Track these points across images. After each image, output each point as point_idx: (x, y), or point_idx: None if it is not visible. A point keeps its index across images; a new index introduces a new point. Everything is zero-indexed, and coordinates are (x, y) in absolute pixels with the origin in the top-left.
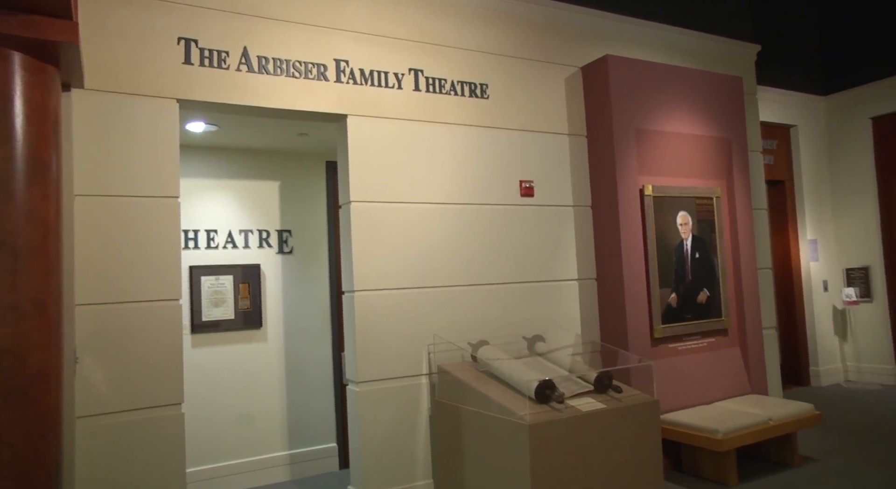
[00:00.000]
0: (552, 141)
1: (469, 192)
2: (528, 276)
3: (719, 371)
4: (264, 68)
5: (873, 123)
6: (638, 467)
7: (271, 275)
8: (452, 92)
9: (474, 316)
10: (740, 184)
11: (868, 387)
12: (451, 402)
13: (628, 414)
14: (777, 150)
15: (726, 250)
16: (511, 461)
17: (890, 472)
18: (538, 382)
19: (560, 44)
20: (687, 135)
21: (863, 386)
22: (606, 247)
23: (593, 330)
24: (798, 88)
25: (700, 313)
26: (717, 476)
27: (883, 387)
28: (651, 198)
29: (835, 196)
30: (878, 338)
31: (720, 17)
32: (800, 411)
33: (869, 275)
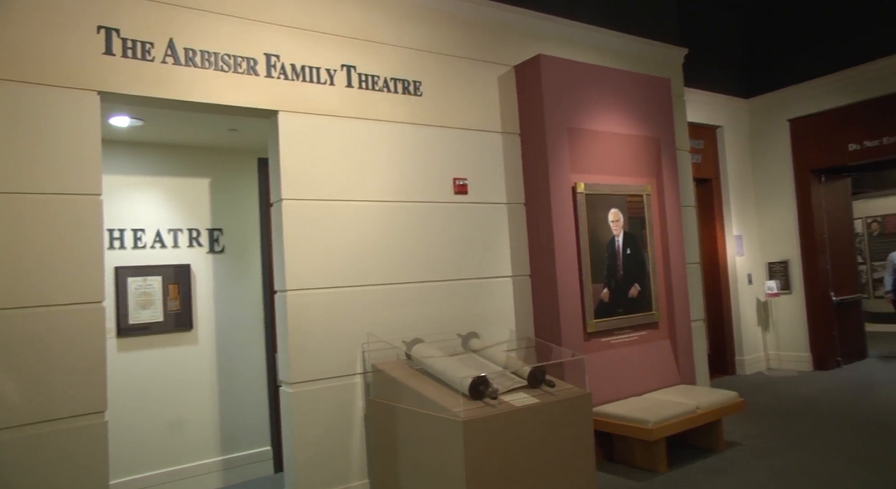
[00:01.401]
0: (486, 139)
1: (403, 189)
2: (463, 274)
3: (650, 363)
4: (191, 61)
5: (791, 125)
6: (571, 459)
7: (202, 275)
8: (385, 89)
9: (409, 314)
10: (669, 181)
11: (787, 375)
12: (385, 401)
13: (561, 407)
14: (704, 149)
15: (656, 246)
16: (446, 458)
17: (804, 453)
18: (472, 379)
19: (494, 42)
20: (617, 134)
21: (782, 373)
22: (540, 244)
23: (527, 326)
24: (723, 91)
25: (631, 307)
26: (647, 464)
27: (800, 373)
28: (583, 195)
29: (758, 193)
30: (796, 328)
31: (649, 20)
32: (725, 399)
33: (788, 268)
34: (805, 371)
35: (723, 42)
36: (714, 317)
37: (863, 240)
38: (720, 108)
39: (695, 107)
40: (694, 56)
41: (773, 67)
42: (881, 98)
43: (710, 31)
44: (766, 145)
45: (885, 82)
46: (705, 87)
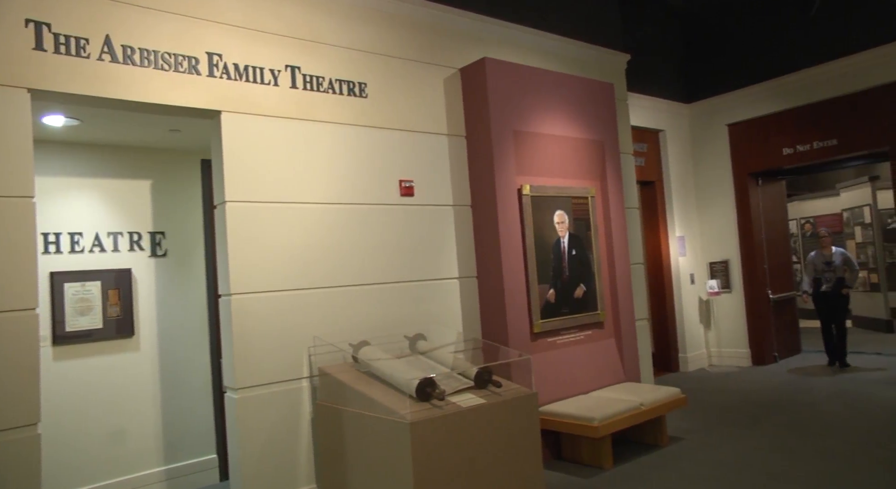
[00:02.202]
0: (432, 141)
1: (349, 191)
2: (410, 275)
3: (596, 362)
4: (130, 59)
5: (729, 129)
6: (518, 458)
7: (144, 279)
8: (330, 90)
9: (356, 316)
10: (613, 184)
11: (727, 370)
12: (332, 405)
13: (508, 407)
14: (647, 152)
15: (601, 247)
16: (393, 460)
17: (742, 445)
18: (419, 380)
19: (439, 45)
20: (562, 137)
21: (723, 369)
22: (486, 246)
23: (475, 327)
24: (665, 96)
25: (577, 307)
26: (594, 461)
27: (739, 369)
28: (529, 197)
29: (699, 195)
30: (736, 325)
31: (593, 26)
32: (668, 396)
33: (729, 268)
34: (744, 366)
35: (664, 49)
36: (658, 316)
37: (797, 240)
38: (662, 112)
39: (638, 111)
40: (637, 62)
41: (711, 74)
42: (810, 105)
43: (652, 38)
44: (707, 149)
45: (813, 91)
46: (648, 92)
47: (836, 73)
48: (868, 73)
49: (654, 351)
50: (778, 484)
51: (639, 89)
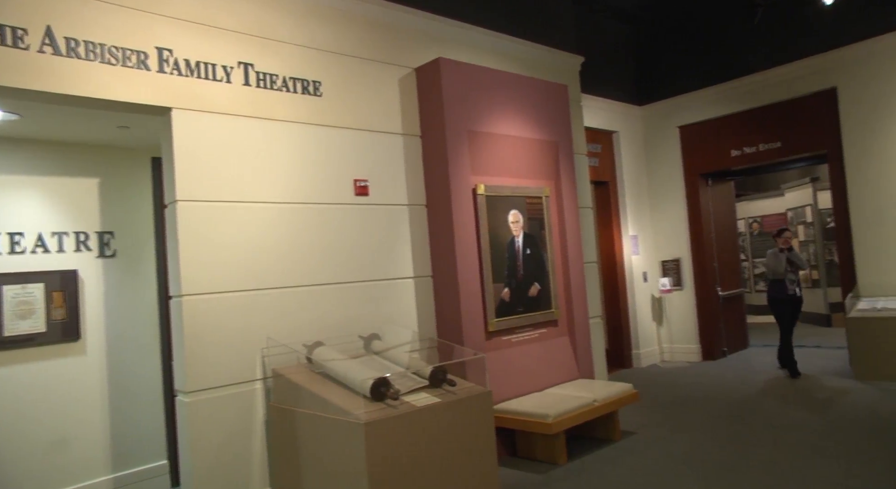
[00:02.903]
0: (386, 140)
1: (302, 190)
2: (365, 275)
3: (550, 359)
4: (74, 52)
5: (680, 131)
6: (473, 456)
7: (91, 281)
8: (284, 88)
9: (311, 317)
10: (567, 184)
11: (678, 366)
12: (286, 406)
13: (462, 406)
14: (601, 153)
15: (555, 246)
16: (348, 461)
17: (692, 437)
18: (373, 380)
19: (394, 44)
20: (517, 137)
21: (674, 364)
22: (441, 245)
23: (430, 326)
24: (618, 98)
25: (532, 306)
26: (548, 457)
27: (690, 364)
28: (484, 197)
29: (651, 196)
30: (687, 322)
31: (547, 28)
32: (620, 391)
33: (680, 266)
34: (695, 362)
35: (617, 52)
36: (612, 314)
37: (745, 238)
38: (616, 114)
39: (592, 112)
40: (590, 64)
41: (663, 77)
42: (756, 109)
43: (605, 41)
44: (659, 150)
45: (759, 95)
46: (601, 94)
47: (779, 78)
48: (807, 79)
49: (608, 348)
50: (727, 474)
51: (592, 91)
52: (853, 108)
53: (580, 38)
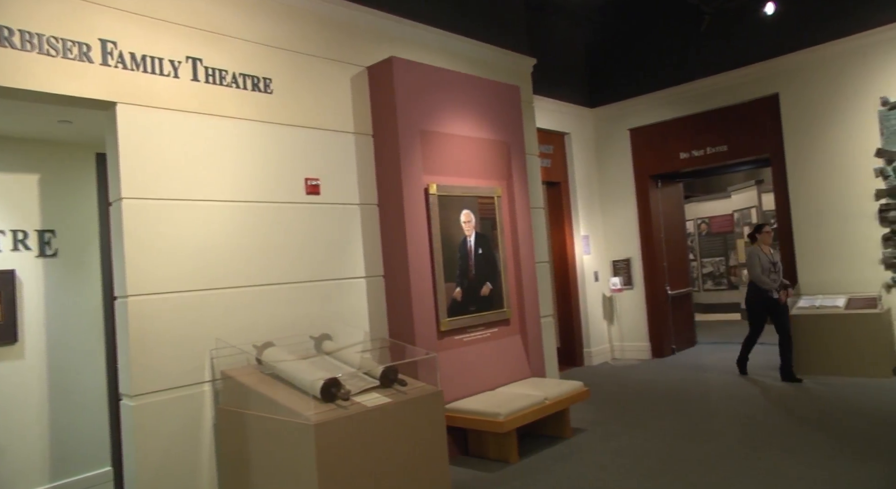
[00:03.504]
0: (338, 139)
1: (253, 189)
2: (316, 275)
3: (502, 358)
4: (8, 41)
5: (631, 134)
6: (424, 455)
7: (30, 281)
8: (234, 85)
9: (261, 317)
10: (519, 184)
11: (629, 363)
12: (235, 409)
13: (413, 405)
14: (553, 154)
15: (507, 246)
16: (298, 463)
17: (641, 433)
18: (323, 381)
19: (347, 42)
20: (469, 137)
21: (625, 362)
22: (393, 245)
23: (381, 326)
24: (570, 100)
25: (483, 305)
26: (500, 455)
27: (640, 361)
28: (436, 196)
29: (603, 196)
30: (637, 320)
31: (500, 29)
32: (571, 389)
33: (630, 265)
34: (645, 359)
35: (570, 55)
36: (563, 313)
37: (694, 238)
38: (568, 116)
39: (544, 114)
40: (543, 66)
41: (614, 81)
42: (704, 113)
43: (558, 44)
44: (610, 152)
45: (707, 99)
46: (554, 96)
47: (725, 84)
48: (751, 85)
49: (560, 346)
50: (675, 467)
51: (545, 93)
52: (794, 114)
53: (533, 40)
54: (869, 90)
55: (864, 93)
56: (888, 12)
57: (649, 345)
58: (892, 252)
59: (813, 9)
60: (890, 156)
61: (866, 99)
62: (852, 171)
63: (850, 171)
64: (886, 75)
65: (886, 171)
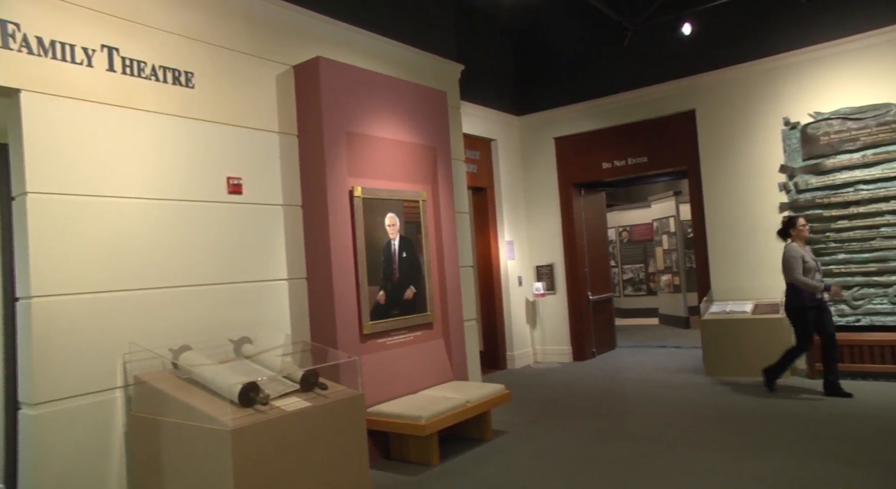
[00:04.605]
0: (262, 138)
1: (172, 186)
2: (237, 277)
3: (425, 362)
4: None
5: (556, 142)
6: (345, 459)
7: None
8: (153, 77)
9: (178, 320)
10: (444, 189)
11: (550, 366)
12: (149, 415)
13: (334, 409)
14: (480, 159)
15: (431, 250)
16: (214, 471)
17: (560, 434)
18: (242, 385)
19: (273, 40)
20: (395, 141)
21: (547, 365)
22: (316, 247)
23: (303, 329)
24: (497, 107)
25: (407, 309)
26: (421, 458)
27: (561, 364)
28: (360, 199)
29: (527, 203)
30: (559, 324)
31: (429, 34)
32: (493, 392)
33: (553, 271)
34: (566, 362)
35: (498, 62)
36: (487, 317)
37: (615, 246)
38: (494, 122)
39: (471, 120)
40: (471, 73)
41: (540, 90)
42: (626, 125)
43: (486, 51)
44: (535, 159)
45: (628, 113)
46: (481, 103)
47: (646, 98)
48: (670, 101)
49: (483, 350)
50: (591, 466)
51: (472, 99)
52: (709, 129)
53: (462, 47)
54: (774, 110)
55: (770, 112)
56: (792, 39)
57: (571, 348)
58: None
59: (726, 32)
60: (791, 172)
61: (772, 118)
62: (760, 185)
63: (757, 184)
64: (789, 97)
65: (788, 186)
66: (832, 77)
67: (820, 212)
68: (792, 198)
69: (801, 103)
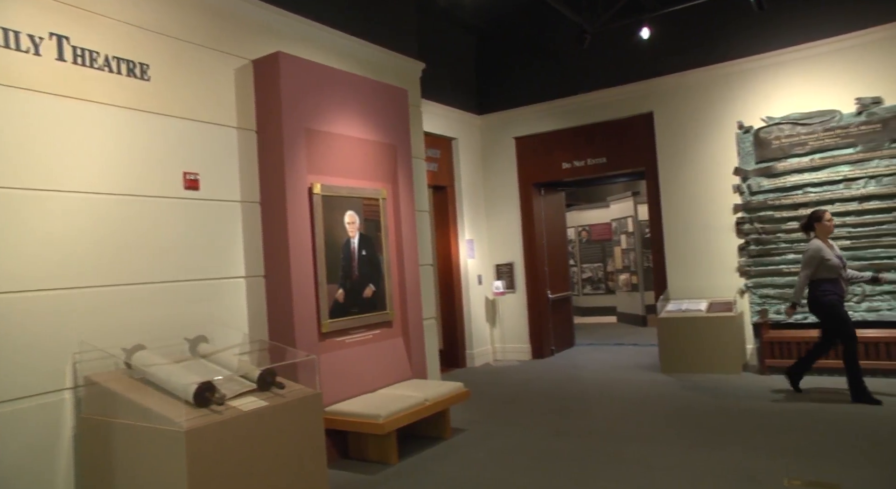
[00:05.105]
0: (220, 133)
1: (126, 181)
2: (193, 274)
3: (384, 360)
4: None
5: (516, 142)
6: (302, 459)
7: None
8: (107, 68)
9: (132, 319)
10: (405, 187)
11: (510, 364)
12: (100, 417)
13: (291, 409)
14: (440, 158)
15: (391, 248)
16: (168, 473)
17: (519, 431)
18: (197, 385)
19: (232, 33)
20: (355, 138)
21: (506, 363)
22: (275, 244)
23: (261, 328)
24: (458, 106)
25: (366, 307)
26: (380, 457)
27: (520, 362)
28: (320, 196)
29: (488, 202)
30: (518, 323)
31: (390, 32)
32: (451, 390)
33: (513, 270)
34: (525, 360)
35: (459, 61)
36: (447, 315)
37: (575, 245)
38: (455, 121)
39: (432, 118)
40: (432, 71)
41: (501, 89)
42: (585, 126)
43: (448, 50)
44: (496, 158)
45: (588, 114)
46: (442, 101)
47: (606, 100)
48: (629, 103)
49: (443, 348)
50: (548, 462)
51: (433, 97)
52: (666, 132)
53: (423, 45)
54: (729, 114)
55: (725, 116)
56: (746, 46)
57: (530, 346)
58: (745, 261)
59: (683, 38)
60: (745, 174)
61: (727, 122)
62: (715, 187)
63: (713, 186)
64: (743, 102)
65: (742, 188)
66: (783, 83)
67: (771, 213)
68: (745, 199)
69: (754, 108)
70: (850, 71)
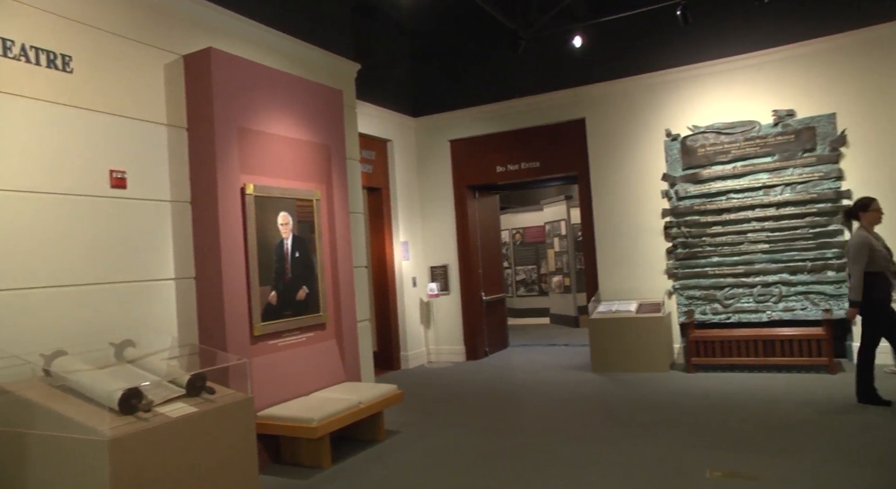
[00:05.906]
0: (149, 130)
1: (46, 178)
2: (120, 276)
3: (317, 363)
4: None
5: (451, 145)
6: (233, 466)
7: None
8: (24, 58)
9: (54, 323)
10: (339, 188)
11: (444, 366)
12: (13, 429)
13: (221, 414)
14: (375, 160)
15: (325, 250)
16: (89, 486)
17: (453, 431)
18: (122, 391)
19: (162, 26)
20: (289, 138)
21: (440, 365)
22: (205, 246)
23: (191, 331)
24: (393, 108)
25: (299, 309)
26: (313, 461)
27: (455, 364)
28: (252, 197)
29: (423, 204)
30: (453, 324)
31: (325, 31)
32: (385, 392)
33: (448, 272)
34: (459, 361)
35: (395, 63)
36: (381, 317)
37: (508, 247)
38: (391, 123)
39: (367, 120)
40: (367, 72)
41: (437, 92)
42: (519, 130)
43: (383, 52)
44: (431, 161)
45: (522, 118)
46: (377, 103)
47: (540, 105)
48: (562, 109)
49: (377, 350)
50: (482, 462)
51: (369, 99)
52: (598, 138)
53: (359, 46)
54: (657, 122)
55: (654, 124)
56: (673, 58)
57: (464, 347)
58: (673, 264)
59: (614, 47)
60: (672, 180)
61: (655, 129)
62: (644, 192)
63: (642, 191)
64: (671, 111)
65: (670, 193)
66: (708, 94)
67: (697, 218)
68: (673, 204)
69: (681, 117)
70: (767, 84)
